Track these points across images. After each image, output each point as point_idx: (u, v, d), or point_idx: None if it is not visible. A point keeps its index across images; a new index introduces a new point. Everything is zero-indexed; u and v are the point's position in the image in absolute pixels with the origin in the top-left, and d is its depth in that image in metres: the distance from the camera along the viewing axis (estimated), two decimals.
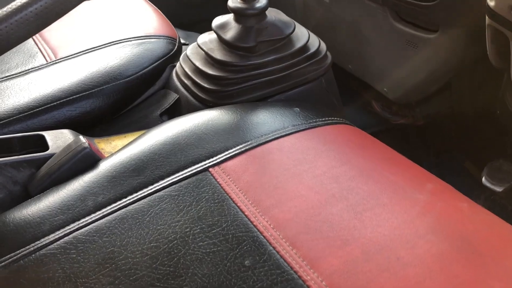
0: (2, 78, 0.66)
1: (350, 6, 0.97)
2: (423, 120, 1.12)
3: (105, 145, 0.62)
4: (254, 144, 0.54)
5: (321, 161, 0.52)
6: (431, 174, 0.54)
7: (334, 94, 0.75)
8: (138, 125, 0.68)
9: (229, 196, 0.48)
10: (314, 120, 0.59)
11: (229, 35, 0.67)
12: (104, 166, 0.53)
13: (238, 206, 0.47)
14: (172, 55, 0.75)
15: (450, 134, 1.14)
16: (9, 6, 0.48)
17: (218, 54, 0.67)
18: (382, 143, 0.59)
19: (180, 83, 0.71)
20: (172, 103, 0.69)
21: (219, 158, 0.53)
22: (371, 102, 1.16)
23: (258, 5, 0.66)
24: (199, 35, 1.03)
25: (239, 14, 0.66)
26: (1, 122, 0.60)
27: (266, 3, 0.67)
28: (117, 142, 0.63)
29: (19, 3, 0.47)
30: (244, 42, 0.66)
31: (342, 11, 1.00)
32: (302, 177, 0.50)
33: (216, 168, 0.52)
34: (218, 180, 0.50)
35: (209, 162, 0.52)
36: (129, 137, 0.64)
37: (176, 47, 0.77)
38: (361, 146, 0.57)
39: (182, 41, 0.88)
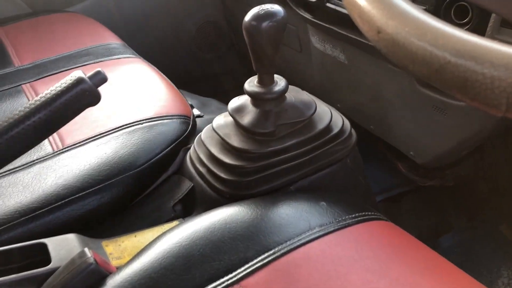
0: (5, 172, 0.62)
1: (371, 68, 0.92)
2: (454, 181, 1.05)
3: (113, 249, 0.56)
4: (278, 254, 0.48)
5: (355, 275, 0.46)
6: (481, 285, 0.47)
7: (360, 173, 0.70)
8: (150, 220, 0.63)
9: None
10: (343, 218, 0.53)
11: (246, 120, 0.62)
12: (111, 286, 0.47)
13: None
14: (186, 136, 0.71)
15: (483, 195, 1.07)
16: (5, 119, 0.44)
17: (235, 141, 0.62)
18: (423, 243, 0.53)
19: (195, 170, 0.65)
20: (185, 192, 0.64)
21: (238, 273, 0.47)
22: (397, 164, 1.09)
23: (277, 88, 0.61)
24: (214, 102, 0.99)
25: (256, 99, 0.61)
26: (3, 227, 0.55)
27: (285, 85, 0.62)
28: (127, 243, 0.58)
29: (14, 118, 0.43)
30: (262, 128, 0.61)
31: (362, 73, 0.96)
32: None
33: (236, 287, 0.46)
34: None
35: (227, 280, 0.46)
36: (140, 236, 0.59)
37: (190, 126, 0.72)
38: (400, 250, 0.50)
39: (196, 112, 0.84)
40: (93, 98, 0.45)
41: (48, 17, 1.18)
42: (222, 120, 0.66)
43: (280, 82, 0.62)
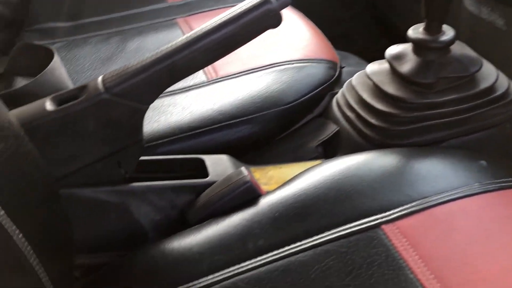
0: (166, 93, 0.66)
1: None
2: None
3: (260, 175, 0.59)
4: (434, 202, 0.47)
5: None
6: None
7: None
8: (293, 155, 0.64)
9: (407, 265, 0.42)
10: (505, 180, 0.50)
11: (405, 67, 0.60)
12: (265, 205, 0.49)
13: (418, 280, 0.40)
14: (332, 82, 0.70)
15: None
16: (193, 32, 0.46)
17: (389, 88, 0.60)
18: None
19: (342, 114, 0.65)
20: (330, 135, 0.64)
21: (393, 213, 0.46)
22: None
23: (443, 38, 0.58)
24: (353, 57, 0.98)
25: (420, 46, 0.59)
26: (164, 140, 0.60)
27: (453, 36, 0.59)
28: (273, 172, 0.60)
29: (204, 30, 0.45)
30: (422, 78, 0.59)
31: None
32: (496, 255, 0.42)
33: (390, 225, 0.45)
34: (392, 241, 0.44)
35: (382, 218, 0.46)
36: (285, 168, 0.61)
37: (337, 73, 0.72)
38: None
39: None
40: (276, 21, 0.46)
41: None
42: (376, 66, 0.64)
43: (448, 32, 0.59)
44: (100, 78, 0.46)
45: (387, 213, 0.46)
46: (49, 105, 0.45)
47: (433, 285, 0.40)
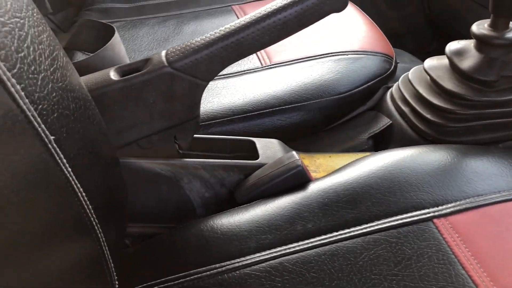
0: (220, 76, 0.67)
1: None
2: None
3: (309, 162, 0.59)
4: (490, 201, 0.46)
5: None
6: None
7: None
8: (343, 146, 0.64)
9: (458, 260, 0.41)
10: None
11: (466, 64, 0.58)
12: (315, 190, 0.49)
13: (470, 276, 0.40)
14: (387, 75, 0.69)
15: None
16: (258, 11, 0.46)
17: (448, 84, 0.59)
18: None
19: (395, 108, 0.64)
20: (383, 128, 0.63)
21: (446, 208, 0.45)
22: None
23: (510, 35, 0.56)
24: (407, 54, 0.96)
25: (484, 43, 0.57)
26: (217, 121, 0.61)
27: None
28: (322, 161, 0.59)
29: (269, 10, 0.45)
30: (483, 75, 0.57)
31: None
32: None
33: (442, 220, 0.44)
34: (444, 236, 0.43)
35: (434, 212, 0.45)
36: (334, 157, 0.60)
37: (392, 66, 0.71)
38: None
39: None
40: (341, 4, 0.46)
41: None
42: (435, 61, 0.63)
43: None
44: (163, 52, 0.47)
45: (440, 207, 0.45)
46: (113, 75, 0.47)
47: (485, 282, 0.39)
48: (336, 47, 0.71)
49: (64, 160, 0.32)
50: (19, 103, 0.29)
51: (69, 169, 0.33)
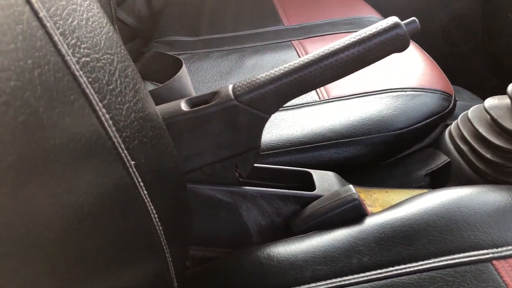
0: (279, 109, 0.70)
1: None
2: None
3: (365, 196, 0.59)
4: None
5: None
6: None
7: None
8: (400, 181, 0.64)
9: None
10: None
11: None
12: (371, 224, 0.50)
13: None
14: (446, 113, 0.69)
15: None
16: (321, 50, 0.49)
17: (509, 124, 0.59)
18: None
19: (454, 146, 0.64)
20: (440, 165, 0.63)
21: (506, 250, 0.45)
22: None
23: None
24: (466, 92, 0.95)
25: None
26: (276, 151, 0.63)
27: None
28: (378, 195, 0.60)
29: (331, 49, 0.48)
30: None
31: None
32: None
33: (502, 262, 0.44)
34: (504, 278, 0.42)
35: (494, 253, 0.45)
36: (390, 193, 0.61)
37: (451, 104, 0.71)
38: None
39: None
40: (403, 45, 0.48)
41: None
42: (496, 101, 0.63)
43: None
44: (230, 86, 0.50)
45: (500, 249, 0.45)
46: (184, 106, 0.50)
47: None
48: (395, 83, 0.73)
49: (142, 183, 0.35)
50: (108, 131, 0.32)
51: (145, 192, 0.36)
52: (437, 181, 0.64)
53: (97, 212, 0.30)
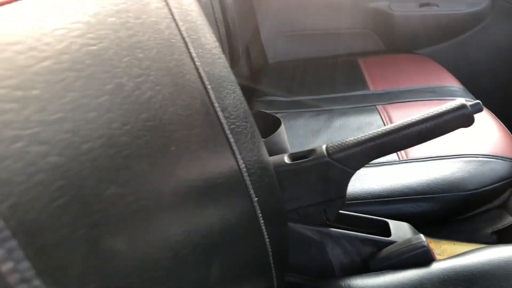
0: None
1: None
2: None
3: (434, 246, 0.68)
4: None
5: None
6: None
7: None
8: (468, 237, 0.72)
9: None
10: None
11: None
12: (437, 267, 0.59)
13: None
14: None
15: None
16: (399, 122, 0.61)
17: None
18: None
19: None
20: (506, 225, 0.71)
21: None
22: None
23: None
24: None
25: None
26: (357, 201, 0.74)
27: None
28: (446, 246, 0.69)
29: (408, 122, 0.60)
30: None
31: None
32: None
33: None
34: None
35: None
36: (458, 245, 0.69)
37: None
38: None
39: None
40: (469, 123, 0.59)
41: (399, 56, 1.40)
42: None
43: None
44: (324, 146, 0.63)
45: None
46: (286, 159, 0.64)
47: None
48: (468, 149, 0.82)
49: (260, 215, 0.49)
50: (242, 172, 0.46)
51: (262, 221, 0.50)
52: (503, 239, 0.72)
53: (225, 239, 0.42)
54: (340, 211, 0.68)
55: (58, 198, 0.22)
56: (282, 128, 0.88)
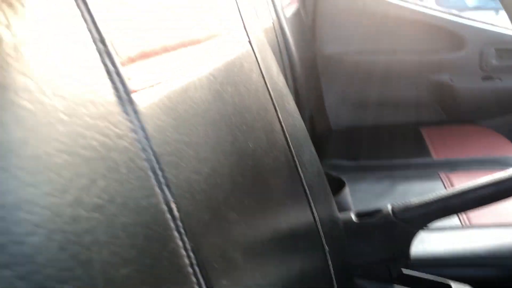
0: (426, 229, 0.85)
1: None
2: None
3: None
4: None
5: None
6: None
7: None
8: None
9: None
10: None
11: None
12: None
13: None
14: None
15: None
16: (461, 187, 0.65)
17: None
18: None
19: None
20: None
21: None
22: None
23: None
24: None
25: None
26: (421, 262, 0.77)
27: None
28: None
29: (468, 187, 0.64)
30: None
31: None
32: None
33: None
34: None
35: None
36: None
37: None
38: None
39: None
40: None
41: (461, 126, 1.43)
42: None
43: None
44: (390, 206, 0.68)
45: None
46: (353, 216, 0.69)
47: None
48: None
49: (331, 266, 0.54)
50: (317, 223, 0.52)
51: (332, 271, 0.54)
52: None
53: None
54: (404, 271, 0.71)
55: None
56: (347, 189, 0.94)
